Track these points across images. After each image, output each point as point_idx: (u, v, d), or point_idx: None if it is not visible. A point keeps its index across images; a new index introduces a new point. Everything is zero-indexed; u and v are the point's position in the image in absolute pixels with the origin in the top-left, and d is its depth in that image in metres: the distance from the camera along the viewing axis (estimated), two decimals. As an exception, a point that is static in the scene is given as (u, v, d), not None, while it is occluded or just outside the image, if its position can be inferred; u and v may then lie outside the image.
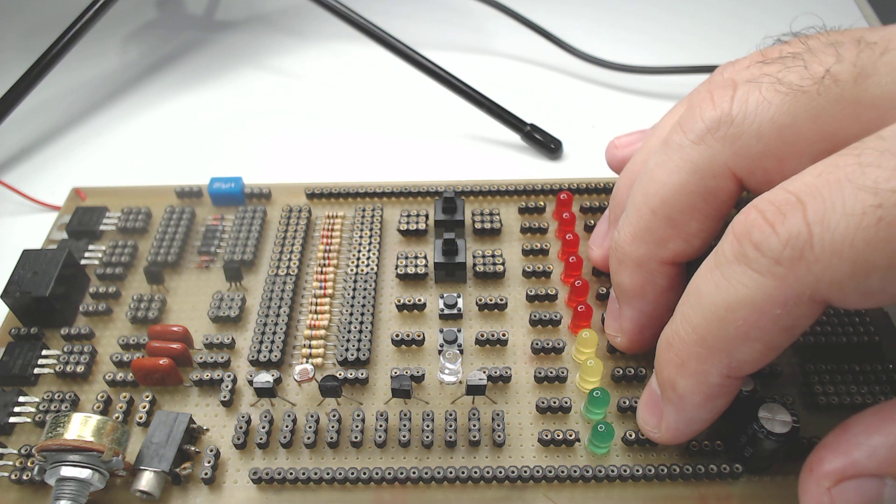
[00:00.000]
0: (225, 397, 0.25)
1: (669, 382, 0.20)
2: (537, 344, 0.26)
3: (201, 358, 0.26)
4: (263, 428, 0.24)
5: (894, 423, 0.17)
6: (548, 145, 0.37)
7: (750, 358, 0.18)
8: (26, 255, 0.27)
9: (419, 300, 0.27)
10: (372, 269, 0.29)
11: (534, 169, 0.37)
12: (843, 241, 0.15)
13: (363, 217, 0.31)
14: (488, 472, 0.22)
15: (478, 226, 0.30)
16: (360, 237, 0.30)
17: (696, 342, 0.18)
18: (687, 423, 0.20)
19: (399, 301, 0.27)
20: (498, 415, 0.24)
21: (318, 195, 0.32)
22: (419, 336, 0.26)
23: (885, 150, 0.15)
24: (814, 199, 0.16)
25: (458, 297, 0.27)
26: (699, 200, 0.21)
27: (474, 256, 0.29)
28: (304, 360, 0.26)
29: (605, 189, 0.31)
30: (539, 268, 0.28)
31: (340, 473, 0.23)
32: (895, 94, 0.17)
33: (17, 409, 0.24)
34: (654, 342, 0.21)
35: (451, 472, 0.23)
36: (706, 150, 0.20)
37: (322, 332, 0.27)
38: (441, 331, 0.26)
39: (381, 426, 0.24)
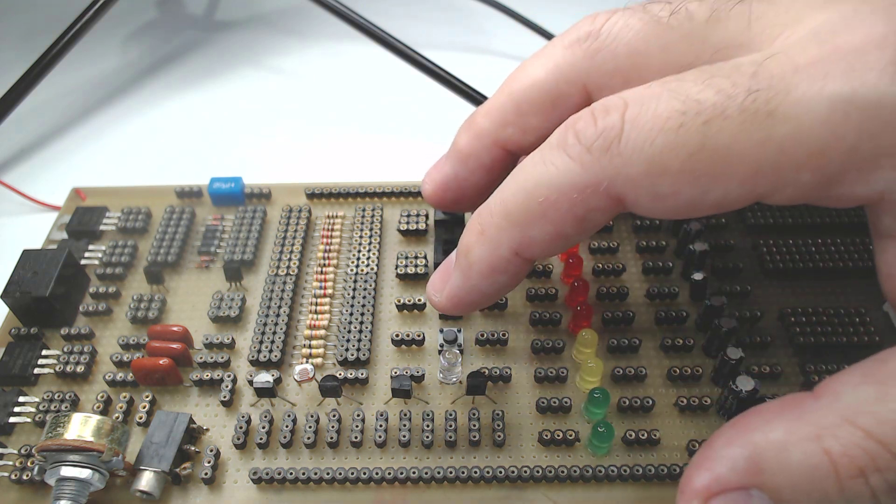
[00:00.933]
0: (225, 397, 0.25)
1: (466, 248, 0.21)
2: (537, 344, 0.26)
3: (201, 358, 0.26)
4: (263, 428, 0.24)
5: (750, 432, 0.16)
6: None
7: (540, 238, 0.19)
8: (26, 255, 0.27)
9: (419, 300, 0.27)
10: (372, 269, 0.29)
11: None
12: (646, 140, 0.17)
13: (363, 217, 0.31)
14: (488, 472, 0.22)
15: (478, 226, 0.30)
16: (360, 237, 0.30)
17: (501, 213, 0.20)
18: (468, 290, 0.21)
19: (399, 301, 0.27)
20: (498, 415, 0.24)
21: (318, 195, 0.32)
22: (419, 336, 0.26)
23: (705, 70, 0.17)
24: (635, 103, 0.17)
25: (458, 297, 0.27)
26: (548, 100, 0.22)
27: (474, 256, 0.29)
28: (304, 360, 0.26)
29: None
30: (539, 268, 0.28)
31: (340, 473, 0.23)
32: (737, 42, 0.18)
33: (17, 409, 0.24)
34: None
35: (451, 472, 0.23)
36: (570, 56, 0.21)
37: (322, 332, 0.27)
38: (441, 331, 0.26)
39: (381, 426, 0.24)
